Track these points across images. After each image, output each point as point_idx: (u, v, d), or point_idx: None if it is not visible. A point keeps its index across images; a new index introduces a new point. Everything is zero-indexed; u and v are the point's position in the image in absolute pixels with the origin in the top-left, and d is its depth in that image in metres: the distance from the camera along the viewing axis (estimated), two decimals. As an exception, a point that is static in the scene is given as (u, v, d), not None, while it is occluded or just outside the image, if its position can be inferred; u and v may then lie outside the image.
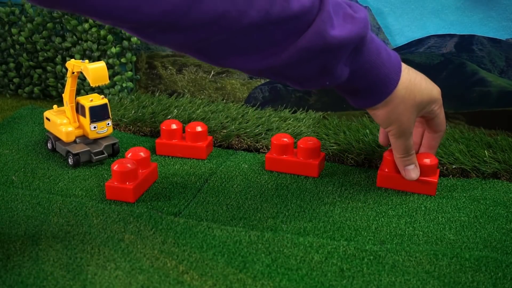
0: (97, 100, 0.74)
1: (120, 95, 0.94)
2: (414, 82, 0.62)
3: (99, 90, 0.97)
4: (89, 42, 0.93)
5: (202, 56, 0.52)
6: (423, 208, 0.64)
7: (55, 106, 0.78)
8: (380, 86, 0.59)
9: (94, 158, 0.74)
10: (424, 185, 0.66)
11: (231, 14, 0.47)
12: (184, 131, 0.79)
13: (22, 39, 0.95)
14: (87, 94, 0.87)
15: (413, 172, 0.66)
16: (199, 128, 0.76)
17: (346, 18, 0.53)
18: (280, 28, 0.50)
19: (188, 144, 0.76)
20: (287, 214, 0.63)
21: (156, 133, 0.84)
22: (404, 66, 0.61)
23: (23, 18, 0.95)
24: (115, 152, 0.76)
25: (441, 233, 0.59)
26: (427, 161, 0.66)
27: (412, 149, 0.65)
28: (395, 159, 0.66)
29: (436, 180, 0.66)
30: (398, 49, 0.82)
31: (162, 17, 0.46)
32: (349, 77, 0.57)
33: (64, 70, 0.96)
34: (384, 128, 0.64)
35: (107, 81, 0.71)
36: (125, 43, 0.94)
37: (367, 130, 0.79)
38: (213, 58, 0.52)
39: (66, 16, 0.93)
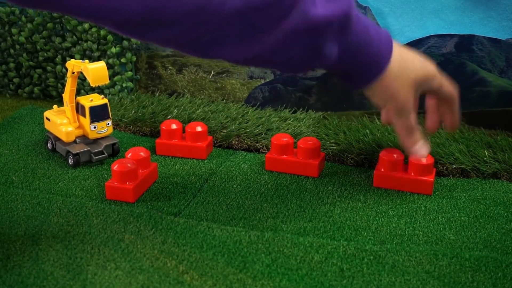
0: (97, 100, 0.74)
1: (120, 95, 0.94)
2: (406, 59, 0.61)
3: (99, 90, 0.97)
4: (89, 42, 0.93)
5: (188, 50, 0.52)
6: (423, 208, 0.64)
7: (55, 106, 0.78)
8: (372, 64, 0.58)
9: (94, 158, 0.74)
10: (420, 185, 0.66)
11: (211, 3, 0.47)
12: (184, 131, 0.79)
13: (22, 39, 0.95)
14: (87, 94, 0.87)
15: (421, 149, 0.64)
16: (199, 128, 0.76)
17: None
18: (263, 13, 0.49)
19: (188, 144, 0.76)
20: (287, 214, 0.63)
21: (156, 133, 0.84)
22: (395, 44, 0.60)
23: (23, 18, 0.95)
24: (115, 152, 0.76)
25: (441, 233, 0.59)
26: (423, 160, 0.67)
27: (415, 128, 0.63)
28: (401, 143, 0.65)
29: (432, 179, 0.66)
30: (398, 49, 0.82)
31: (144, 12, 0.46)
32: (339, 56, 0.56)
33: (64, 70, 0.96)
34: (382, 108, 0.64)
35: (107, 81, 0.71)
36: (125, 43, 0.94)
37: (367, 130, 0.79)
38: (200, 51, 0.52)
39: (66, 16, 0.93)
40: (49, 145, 0.78)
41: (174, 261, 0.53)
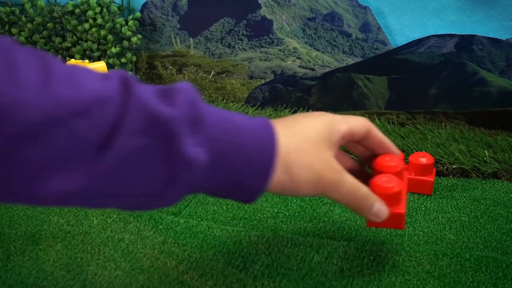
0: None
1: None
2: (300, 138, 0.45)
3: (99, 90, 0.97)
4: (89, 42, 0.93)
5: None
6: (423, 208, 0.64)
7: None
8: (255, 165, 0.42)
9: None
10: (420, 185, 0.66)
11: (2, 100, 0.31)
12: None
13: (22, 39, 0.95)
14: (87, 94, 0.87)
15: (381, 209, 0.48)
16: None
17: (166, 97, 0.39)
18: (86, 119, 0.34)
19: None
20: (287, 214, 0.63)
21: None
22: (283, 138, 0.43)
23: (23, 18, 0.95)
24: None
25: (441, 233, 0.59)
26: (423, 160, 0.66)
27: (357, 187, 0.46)
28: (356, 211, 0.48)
29: (432, 179, 0.66)
30: (398, 49, 0.82)
31: None
32: (211, 159, 0.39)
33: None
34: (313, 195, 0.46)
35: (107, 81, 0.71)
36: (125, 43, 0.94)
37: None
38: (10, 188, 0.34)
39: (66, 16, 0.93)
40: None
41: (174, 261, 0.53)
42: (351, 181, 0.46)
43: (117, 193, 0.37)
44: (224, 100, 0.93)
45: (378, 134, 0.51)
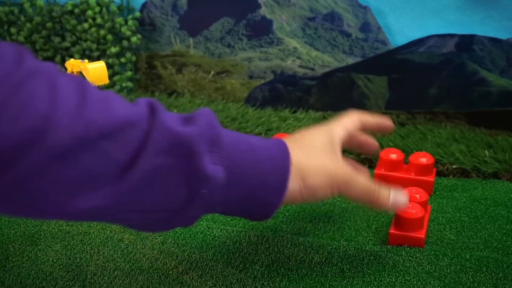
0: (97, 100, 0.74)
1: (120, 94, 0.94)
2: (311, 155, 0.47)
3: (99, 90, 0.96)
4: (88, 41, 0.93)
5: (22, 207, 0.36)
6: (424, 208, 0.64)
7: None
8: (271, 178, 0.44)
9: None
10: (420, 185, 0.66)
11: (39, 128, 0.33)
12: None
13: (21, 38, 0.95)
14: (87, 94, 0.86)
15: (398, 197, 0.50)
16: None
17: (187, 120, 0.41)
18: (115, 141, 0.36)
19: None
20: (287, 214, 0.63)
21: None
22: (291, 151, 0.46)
23: (22, 17, 0.95)
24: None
25: (442, 233, 0.59)
26: (423, 160, 0.66)
27: (369, 181, 0.49)
28: (374, 207, 0.50)
29: (432, 179, 0.66)
30: (398, 49, 0.82)
31: None
32: (227, 177, 0.42)
33: (63, 70, 0.96)
34: (330, 196, 0.48)
35: (107, 81, 0.71)
36: (125, 43, 0.94)
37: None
38: (39, 205, 0.36)
39: (65, 16, 0.93)
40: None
41: (174, 261, 0.53)
42: (362, 177, 0.48)
43: (141, 209, 0.39)
44: (224, 100, 0.93)
45: (370, 118, 0.57)
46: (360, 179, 0.48)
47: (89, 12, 0.90)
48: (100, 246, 0.55)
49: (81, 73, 0.73)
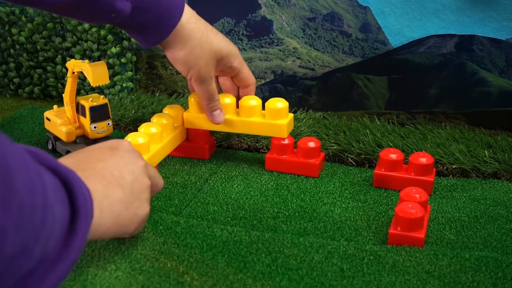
0: (97, 100, 0.74)
1: (120, 95, 0.94)
2: (210, 31, 0.67)
3: (99, 90, 0.97)
4: (89, 42, 0.93)
5: None
6: (423, 208, 0.64)
7: (55, 106, 0.78)
8: (164, 18, 0.64)
9: (94, 158, 0.73)
10: (420, 185, 0.66)
11: None
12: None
13: (22, 39, 0.95)
14: (87, 94, 0.87)
15: (218, 117, 0.71)
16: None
17: None
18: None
19: (191, 145, 0.76)
20: (287, 214, 0.63)
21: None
22: (191, 10, 0.67)
23: (23, 18, 0.95)
24: (115, 152, 0.76)
25: (441, 233, 0.59)
26: (423, 160, 0.66)
27: (216, 95, 0.70)
28: (202, 106, 0.71)
29: (432, 179, 0.66)
30: (398, 49, 0.82)
31: None
32: (132, 11, 0.62)
33: (64, 70, 0.96)
34: (185, 74, 0.68)
35: (108, 81, 0.71)
36: (125, 43, 0.94)
37: (367, 130, 0.79)
38: None
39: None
40: (50, 145, 0.78)
41: (175, 261, 0.53)
42: (215, 84, 0.69)
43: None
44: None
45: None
46: (212, 85, 0.69)
47: (90, 13, 0.91)
48: (101, 249, 0.55)
49: (82, 73, 0.73)
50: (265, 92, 0.91)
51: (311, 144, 0.71)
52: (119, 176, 0.49)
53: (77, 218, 0.40)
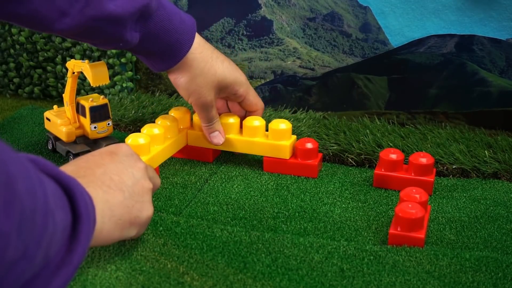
0: (98, 100, 0.74)
1: (120, 95, 0.94)
2: (212, 56, 0.68)
3: (99, 90, 0.97)
4: (89, 42, 0.93)
5: None
6: (423, 208, 0.64)
7: (55, 106, 0.78)
8: (173, 49, 0.66)
9: (94, 158, 0.73)
10: (420, 185, 0.66)
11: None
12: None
13: (22, 39, 0.95)
14: (87, 94, 0.87)
15: (215, 138, 0.72)
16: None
17: None
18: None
19: (196, 148, 0.76)
20: (287, 214, 0.63)
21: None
22: (199, 39, 0.68)
23: (23, 18, 0.95)
24: (115, 152, 0.76)
25: (442, 233, 0.59)
26: (423, 160, 0.66)
27: (215, 118, 0.71)
28: (201, 127, 0.72)
29: (432, 180, 0.66)
30: (398, 49, 0.82)
31: None
32: (140, 41, 0.64)
33: (64, 70, 0.96)
34: (186, 99, 0.69)
35: (108, 81, 0.71)
36: (125, 43, 0.94)
37: (367, 130, 0.79)
38: None
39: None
40: (50, 145, 0.78)
41: (175, 262, 0.53)
42: (215, 109, 0.70)
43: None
44: (224, 100, 0.93)
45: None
46: (213, 111, 0.70)
47: (90, 13, 0.90)
48: (102, 250, 0.55)
49: (82, 73, 0.73)
50: (265, 92, 0.91)
51: (309, 145, 0.71)
52: (119, 180, 0.50)
53: (79, 224, 0.41)
